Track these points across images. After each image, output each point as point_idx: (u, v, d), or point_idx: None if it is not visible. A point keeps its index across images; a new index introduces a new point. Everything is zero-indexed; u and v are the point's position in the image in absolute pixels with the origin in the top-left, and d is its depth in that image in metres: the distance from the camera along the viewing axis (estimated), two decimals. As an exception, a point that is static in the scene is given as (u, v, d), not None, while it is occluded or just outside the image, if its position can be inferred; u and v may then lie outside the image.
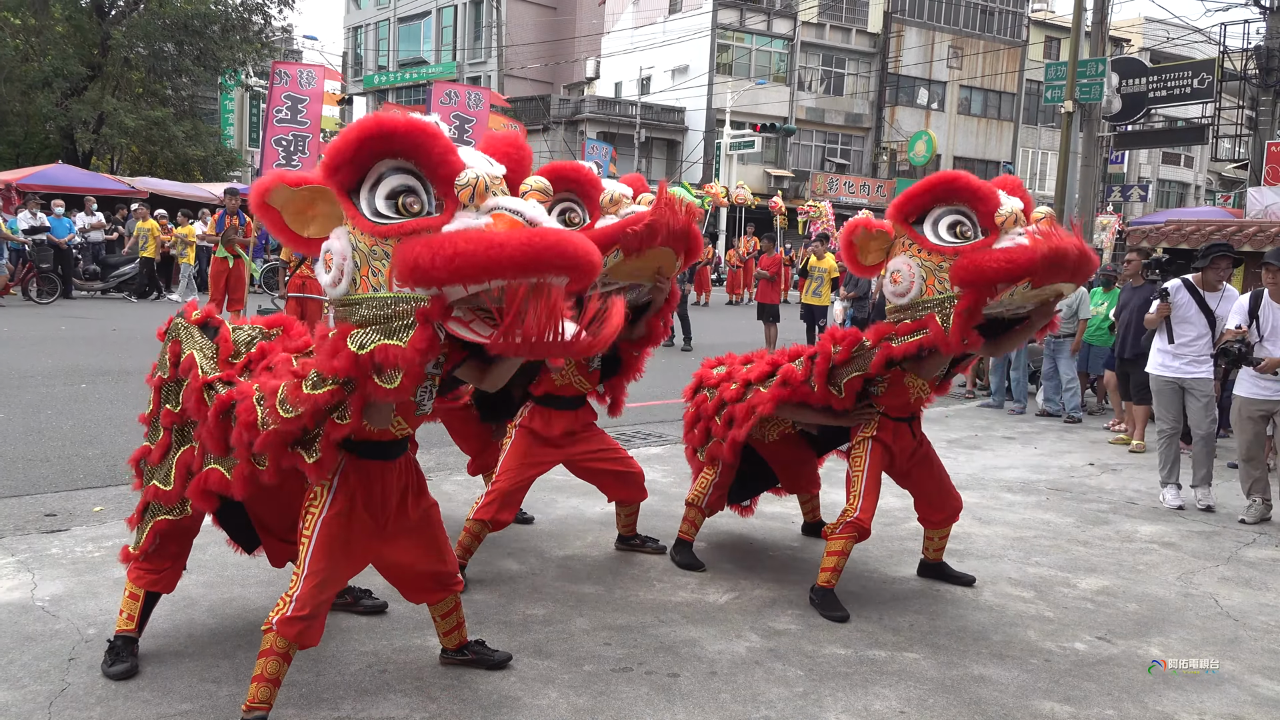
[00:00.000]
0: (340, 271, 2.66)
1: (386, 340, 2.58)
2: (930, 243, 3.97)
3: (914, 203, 4.05)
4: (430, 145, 2.59)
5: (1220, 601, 4.80)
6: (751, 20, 39.35)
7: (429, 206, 2.60)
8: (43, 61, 27.79)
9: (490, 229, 2.47)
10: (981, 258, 3.79)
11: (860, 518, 4.35)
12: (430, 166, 2.60)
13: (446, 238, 2.45)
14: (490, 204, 2.56)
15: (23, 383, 8.73)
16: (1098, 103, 15.79)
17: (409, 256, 2.47)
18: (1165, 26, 33.35)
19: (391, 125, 2.59)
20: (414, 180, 2.61)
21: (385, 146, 2.60)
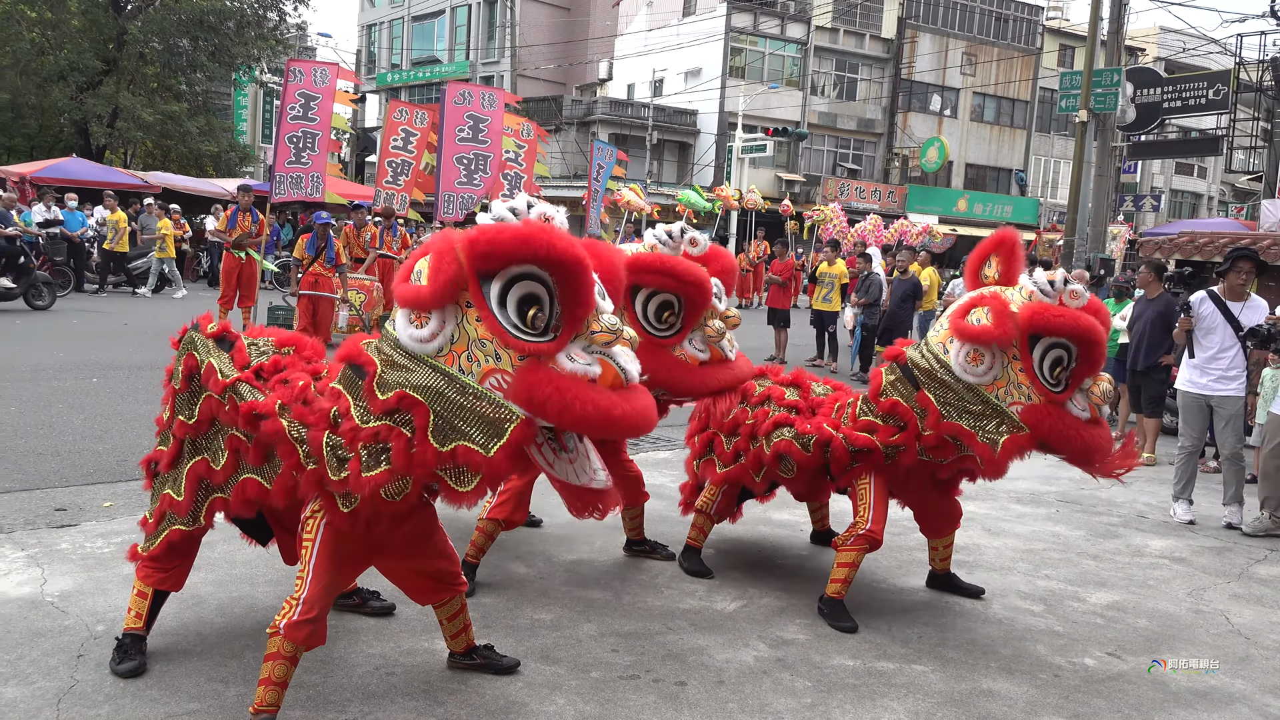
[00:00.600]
0: (435, 334, 2.71)
1: (469, 444, 2.65)
2: (1033, 371, 3.94)
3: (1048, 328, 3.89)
4: (579, 279, 2.66)
5: (1231, 619, 4.77)
6: (765, 24, 39.31)
7: (550, 325, 2.68)
8: (58, 55, 27.91)
9: (597, 379, 2.65)
10: (1064, 424, 3.90)
11: (872, 529, 4.33)
12: (569, 297, 2.67)
13: (571, 388, 2.59)
14: (601, 348, 2.69)
15: (34, 376, 8.76)
16: (1112, 112, 15.73)
17: (533, 387, 2.60)
18: (1181, 37, 33.24)
19: (557, 249, 2.62)
20: (545, 293, 2.68)
21: (541, 262, 2.64)
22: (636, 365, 2.77)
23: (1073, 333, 3.88)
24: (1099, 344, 3.90)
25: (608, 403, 2.62)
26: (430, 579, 3.45)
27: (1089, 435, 3.93)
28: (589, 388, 2.62)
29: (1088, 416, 3.93)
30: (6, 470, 5.82)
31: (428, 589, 3.48)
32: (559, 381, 2.60)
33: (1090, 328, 3.87)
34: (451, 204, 12.94)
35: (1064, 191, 41.18)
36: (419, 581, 3.46)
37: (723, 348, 4.57)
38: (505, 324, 2.64)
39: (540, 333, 2.67)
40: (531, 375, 2.62)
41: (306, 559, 3.04)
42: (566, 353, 2.66)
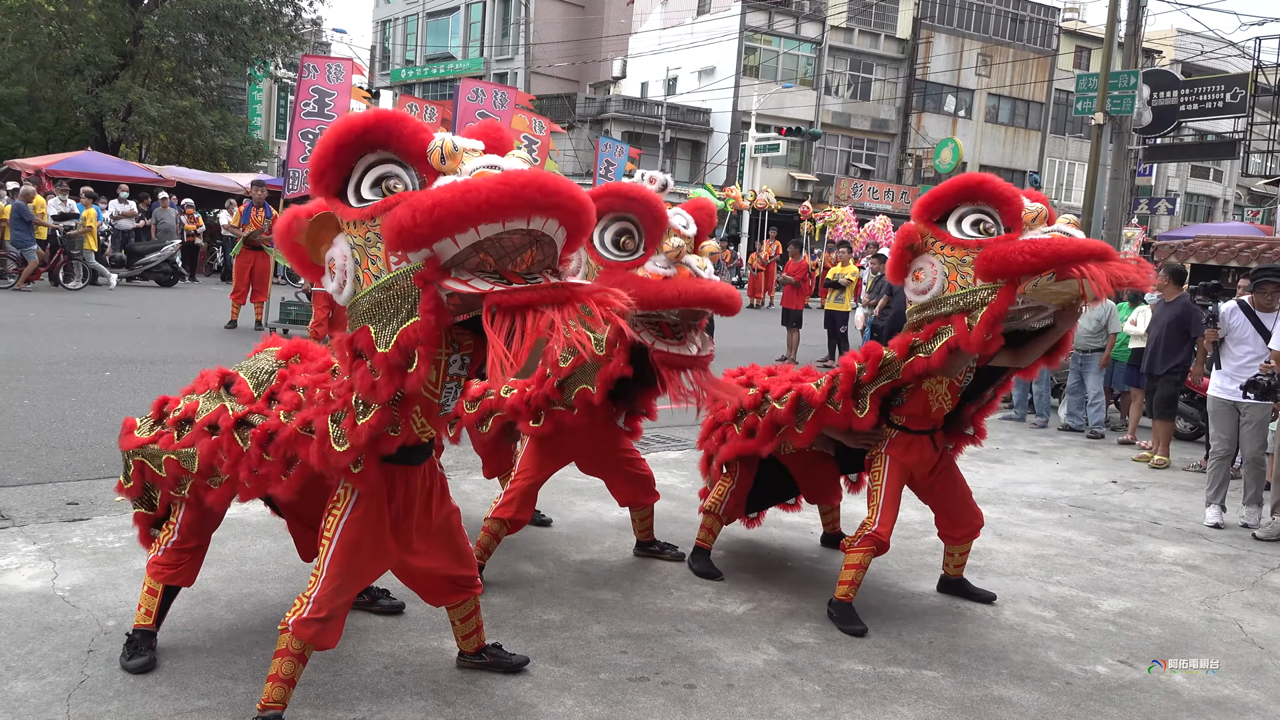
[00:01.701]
0: (344, 274, 2.72)
1: (401, 324, 2.63)
2: (953, 238, 4.00)
3: (939, 202, 4.10)
4: (399, 127, 2.64)
5: (1245, 628, 4.73)
6: (780, 23, 39.23)
7: (412, 185, 2.64)
8: (75, 49, 28.04)
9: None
10: (1007, 248, 3.81)
11: (879, 531, 4.32)
12: (404, 148, 2.65)
13: (425, 193, 2.48)
14: (471, 165, 2.57)
15: (48, 369, 8.80)
16: (1128, 115, 15.64)
17: (393, 222, 2.49)
18: (1199, 39, 33.04)
19: (361, 119, 2.66)
20: (396, 166, 2.67)
21: (360, 140, 2.66)
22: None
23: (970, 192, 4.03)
24: (995, 185, 3.99)
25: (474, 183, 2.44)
26: (449, 583, 3.44)
27: (1062, 241, 3.74)
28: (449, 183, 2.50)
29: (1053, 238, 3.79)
30: (19, 463, 5.85)
31: (445, 592, 3.47)
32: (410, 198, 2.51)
33: (969, 178, 4.09)
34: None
35: (1078, 194, 41.03)
36: (438, 585, 3.44)
37: (689, 264, 4.18)
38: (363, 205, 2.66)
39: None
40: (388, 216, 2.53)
41: (322, 556, 3.04)
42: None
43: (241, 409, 3.25)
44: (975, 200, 4.03)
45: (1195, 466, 8.52)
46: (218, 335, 12.24)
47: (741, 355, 14.24)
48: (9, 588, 4.02)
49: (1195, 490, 7.65)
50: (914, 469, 4.49)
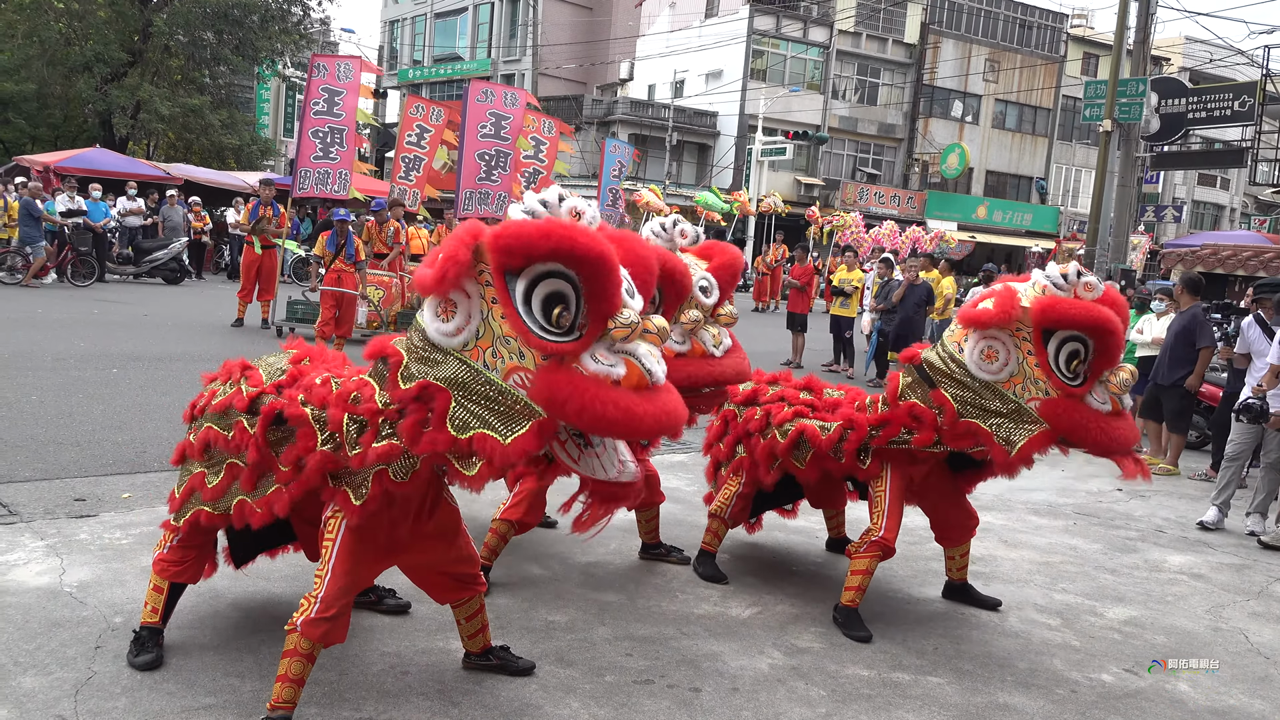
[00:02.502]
0: (460, 329, 2.70)
1: (488, 431, 2.64)
2: (1046, 361, 3.88)
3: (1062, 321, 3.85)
4: (604, 277, 2.60)
5: (1250, 637, 4.73)
6: (787, 27, 39.26)
7: (575, 323, 2.63)
8: (84, 46, 28.13)
9: (621, 381, 2.59)
10: (1083, 417, 3.83)
11: (885, 537, 4.32)
12: (594, 295, 2.61)
13: (591, 389, 2.55)
14: (628, 348, 2.63)
15: (55, 365, 8.82)
16: (1136, 122, 15.63)
17: (553, 388, 2.57)
18: (1207, 47, 32.99)
19: (581, 245, 2.57)
20: (571, 292, 2.62)
21: (565, 259, 2.59)
22: (663, 365, 2.70)
23: (1087, 323, 3.81)
24: (1115, 334, 3.81)
25: (629, 403, 2.56)
26: (450, 579, 3.46)
27: (1110, 427, 3.84)
28: (610, 389, 2.57)
29: (1108, 409, 3.86)
30: (27, 459, 5.86)
31: (447, 588, 3.49)
32: (579, 382, 2.56)
33: (1105, 319, 3.79)
34: (472, 200, 12.96)
35: (1084, 200, 41.02)
36: (439, 580, 3.46)
37: (703, 340, 4.26)
38: (529, 323, 2.60)
39: (565, 331, 2.62)
40: (552, 375, 2.59)
41: (326, 557, 3.05)
42: (591, 353, 2.61)
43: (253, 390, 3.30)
44: (1090, 337, 3.85)
45: (1201, 475, 8.51)
46: (224, 333, 12.26)
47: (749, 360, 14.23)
48: (17, 583, 4.03)
49: (1200, 499, 7.64)
50: (916, 476, 4.49)
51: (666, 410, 2.64)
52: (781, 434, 4.54)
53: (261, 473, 3.22)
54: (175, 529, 3.49)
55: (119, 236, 18.52)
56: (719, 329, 4.32)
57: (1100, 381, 3.84)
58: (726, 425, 4.96)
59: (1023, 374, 3.93)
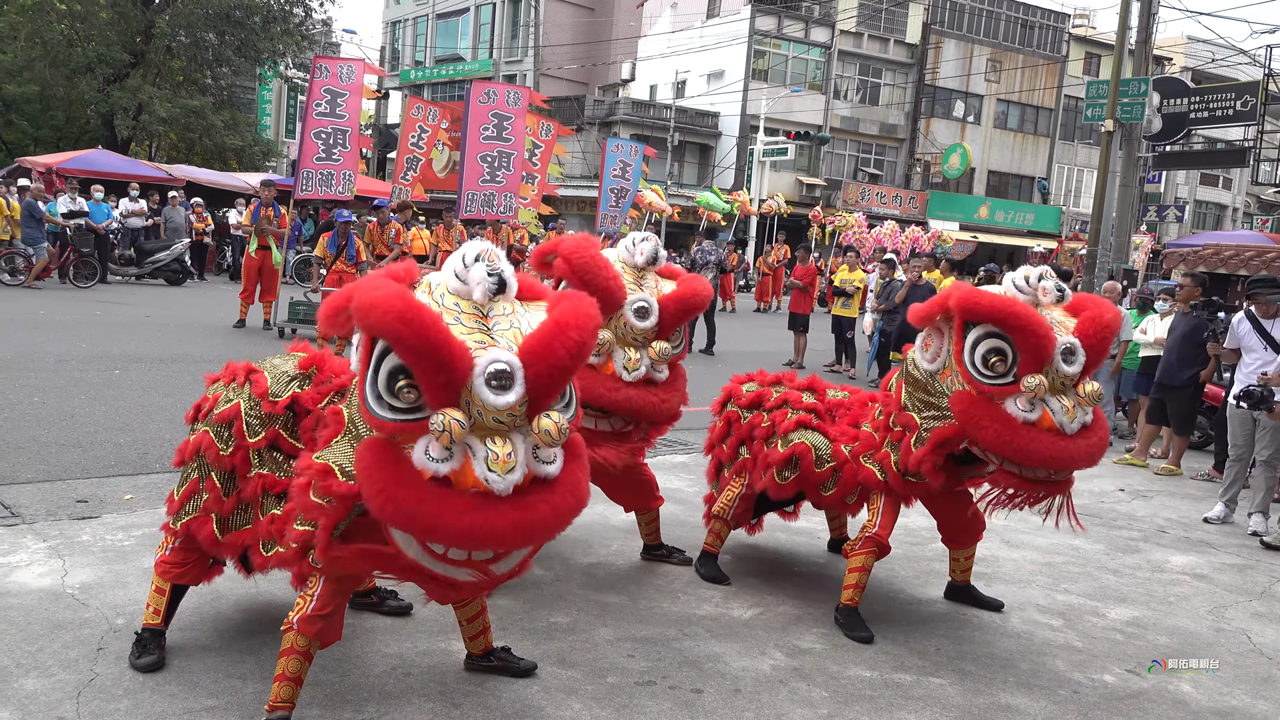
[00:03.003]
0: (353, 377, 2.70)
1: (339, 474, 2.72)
2: (962, 362, 3.80)
3: (976, 311, 3.75)
4: (426, 356, 2.37)
5: (1253, 638, 4.72)
6: (789, 27, 39.25)
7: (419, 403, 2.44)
8: (87, 47, 28.17)
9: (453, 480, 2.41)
10: (991, 418, 3.69)
11: (879, 534, 4.31)
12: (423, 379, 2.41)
13: (390, 486, 2.40)
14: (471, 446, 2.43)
15: (58, 366, 8.83)
16: (1138, 122, 15.62)
17: (360, 465, 2.49)
18: (1210, 47, 32.96)
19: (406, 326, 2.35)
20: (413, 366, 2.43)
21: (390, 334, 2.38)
22: (514, 476, 2.42)
23: (1000, 316, 3.66)
24: (1030, 330, 3.61)
25: (428, 510, 2.36)
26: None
27: (1016, 434, 3.64)
28: (416, 487, 2.38)
29: (1030, 418, 3.66)
30: (29, 460, 5.87)
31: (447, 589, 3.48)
32: (389, 471, 2.40)
33: (1020, 314, 3.62)
34: (475, 202, 12.95)
35: (1086, 200, 41.00)
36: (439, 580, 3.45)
37: (616, 360, 4.15)
38: (369, 392, 2.46)
39: (405, 409, 2.43)
40: (364, 453, 2.46)
41: None
42: (425, 443, 2.40)
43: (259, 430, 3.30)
44: (1008, 334, 3.69)
45: (1204, 475, 8.51)
46: (226, 334, 12.27)
47: (748, 359, 14.22)
48: (19, 585, 4.03)
49: (1203, 499, 7.64)
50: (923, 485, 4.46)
51: (471, 526, 2.36)
52: (784, 443, 4.54)
53: (242, 506, 3.27)
54: (175, 532, 3.49)
55: (121, 238, 18.53)
56: (641, 355, 4.20)
57: (1027, 388, 3.64)
58: (730, 427, 4.96)
59: (950, 366, 3.90)
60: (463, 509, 2.38)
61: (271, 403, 3.29)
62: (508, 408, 2.41)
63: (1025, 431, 3.66)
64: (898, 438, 4.19)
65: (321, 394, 3.30)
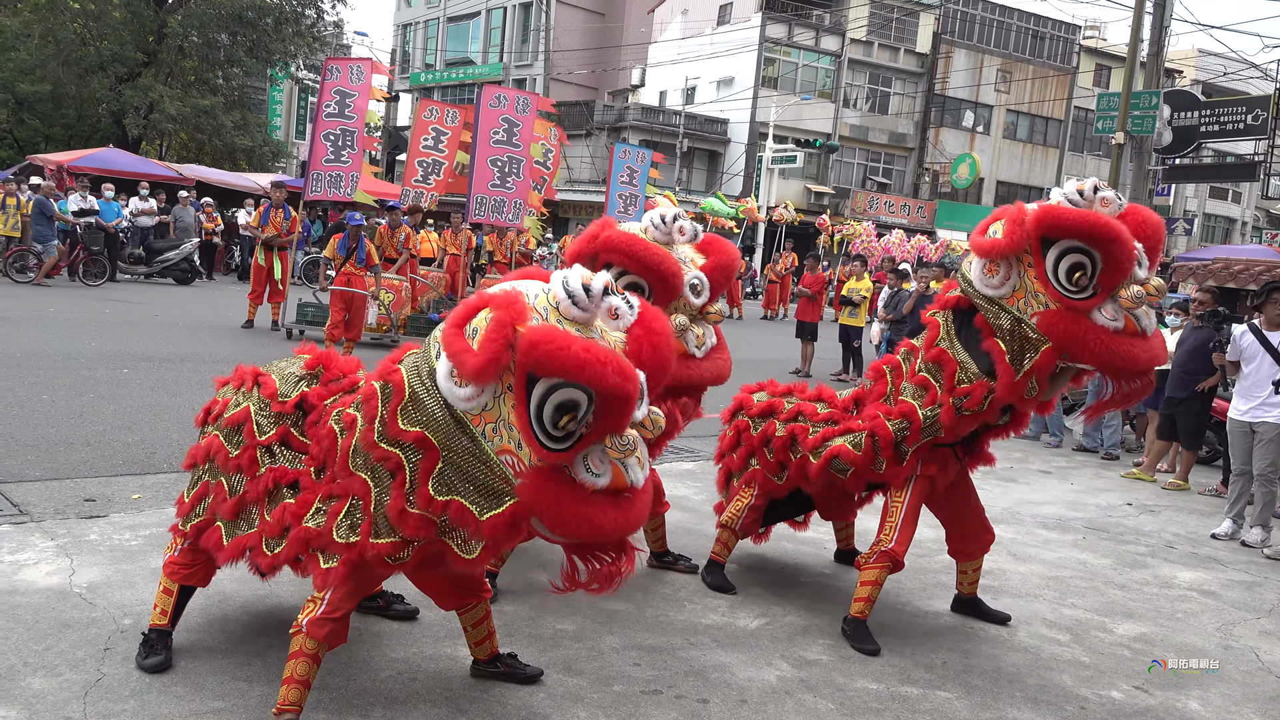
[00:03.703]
0: (472, 398, 2.70)
1: (465, 501, 2.72)
2: (1045, 276, 3.78)
3: (1058, 228, 3.72)
4: (619, 409, 2.61)
5: (1261, 656, 4.70)
6: (799, 35, 39.28)
7: (580, 429, 2.64)
8: (99, 46, 28.28)
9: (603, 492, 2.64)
10: (1082, 330, 3.69)
11: (895, 549, 4.29)
12: (605, 415, 2.61)
13: (569, 504, 2.60)
14: (619, 458, 2.68)
15: (66, 364, 8.85)
16: (1149, 135, 15.59)
17: (536, 492, 2.62)
18: (1221, 60, 32.90)
19: (608, 383, 2.53)
20: (584, 402, 2.59)
21: (588, 385, 2.54)
22: (645, 470, 2.75)
23: (1086, 230, 3.63)
24: (1117, 242, 3.59)
25: (600, 519, 2.62)
26: (454, 584, 3.46)
27: (1115, 343, 3.66)
28: (585, 502, 2.62)
29: (1119, 325, 3.68)
30: (38, 458, 5.88)
31: (452, 594, 3.50)
32: (562, 495, 2.61)
33: (1105, 225, 3.60)
34: (484, 206, 12.96)
35: (1096, 212, 40.80)
36: (443, 586, 3.47)
37: (686, 342, 4.19)
38: (535, 427, 2.61)
39: (565, 438, 2.63)
40: (541, 479, 2.63)
41: None
42: (584, 457, 2.65)
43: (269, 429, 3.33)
44: (1092, 247, 3.67)
45: (1211, 490, 8.48)
46: (234, 335, 12.29)
47: (755, 367, 14.23)
48: (27, 583, 4.04)
49: (1211, 514, 7.61)
50: (939, 482, 4.44)
51: (627, 520, 2.68)
52: (815, 455, 4.50)
53: (246, 510, 3.28)
54: (184, 534, 3.49)
55: (130, 236, 18.59)
56: (704, 328, 4.30)
57: (1111, 297, 3.68)
58: (740, 436, 4.95)
59: (1024, 288, 3.86)
60: (615, 509, 2.67)
61: (281, 403, 3.34)
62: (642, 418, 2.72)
63: (1121, 340, 3.70)
64: (922, 382, 4.17)
65: (330, 391, 3.34)
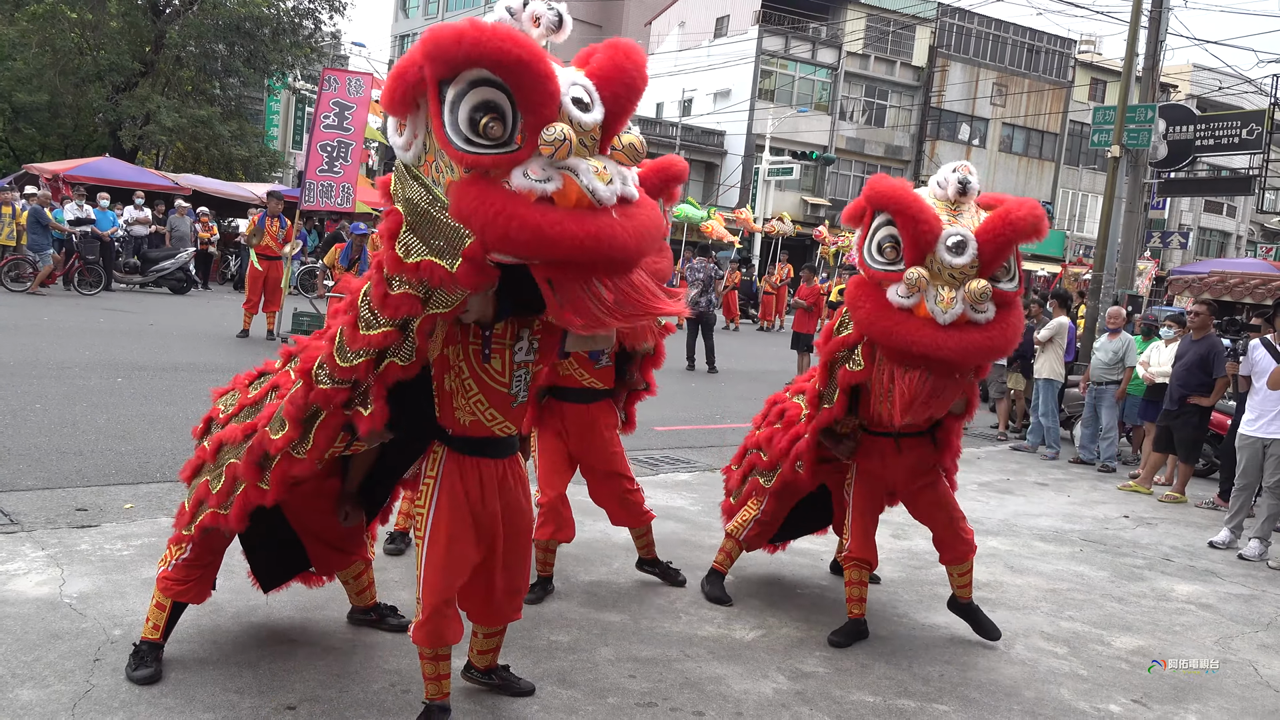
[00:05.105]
0: (409, 144, 2.62)
1: (435, 259, 2.60)
2: (862, 249, 3.94)
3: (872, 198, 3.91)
4: (534, 85, 2.39)
5: (1260, 670, 4.67)
6: (796, 48, 39.40)
7: (508, 134, 2.43)
8: (97, 56, 28.27)
9: (556, 199, 2.40)
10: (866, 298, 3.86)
11: (850, 551, 4.44)
12: (525, 101, 2.41)
13: (503, 209, 2.38)
14: (570, 165, 2.44)
15: (60, 373, 8.81)
16: (1145, 148, 15.62)
17: (461, 201, 2.45)
18: (1216, 75, 33.05)
19: (501, 50, 2.35)
20: (504, 101, 2.42)
21: (486, 65, 2.38)
22: (618, 185, 2.47)
23: (889, 205, 3.77)
24: (915, 220, 3.68)
25: (540, 220, 2.35)
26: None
27: (895, 322, 3.70)
28: (525, 205, 2.37)
29: (906, 304, 3.70)
30: (29, 467, 5.84)
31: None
32: (489, 196, 2.39)
33: (906, 200, 3.71)
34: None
35: (1090, 225, 41.03)
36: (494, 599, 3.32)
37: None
38: (451, 133, 2.42)
39: (494, 144, 2.41)
40: (464, 188, 2.44)
41: (419, 559, 3.13)
42: (523, 168, 2.40)
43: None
44: (896, 220, 3.78)
45: (1208, 503, 8.46)
46: (230, 344, 12.26)
47: (753, 379, 14.22)
48: (16, 593, 4.00)
49: (1207, 527, 7.59)
50: (884, 476, 4.44)
51: (585, 231, 2.38)
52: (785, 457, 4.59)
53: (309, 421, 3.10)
54: (183, 541, 3.45)
55: (126, 245, 18.56)
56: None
57: (908, 280, 3.68)
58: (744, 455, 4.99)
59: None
60: (583, 220, 2.40)
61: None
62: (594, 125, 2.49)
63: (895, 314, 3.74)
64: None
65: None
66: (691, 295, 14.87)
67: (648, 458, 7.95)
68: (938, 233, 3.69)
